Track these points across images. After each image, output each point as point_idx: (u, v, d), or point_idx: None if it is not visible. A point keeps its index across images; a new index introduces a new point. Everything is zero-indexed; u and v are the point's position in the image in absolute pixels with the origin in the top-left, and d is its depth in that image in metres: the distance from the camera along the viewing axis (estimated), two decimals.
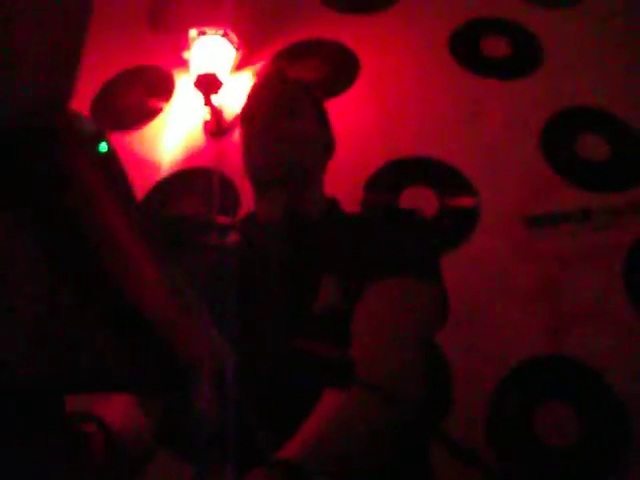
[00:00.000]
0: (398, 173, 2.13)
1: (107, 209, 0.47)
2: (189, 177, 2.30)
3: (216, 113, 2.35)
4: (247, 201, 1.84)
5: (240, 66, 2.50)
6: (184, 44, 2.39)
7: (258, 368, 0.62)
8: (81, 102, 2.47)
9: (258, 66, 2.48)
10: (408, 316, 1.00)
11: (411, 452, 1.01)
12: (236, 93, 2.43)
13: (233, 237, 0.94)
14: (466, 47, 2.38)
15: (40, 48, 0.43)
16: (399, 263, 1.07)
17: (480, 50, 2.37)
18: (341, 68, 2.41)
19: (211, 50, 2.34)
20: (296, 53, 2.48)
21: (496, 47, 2.37)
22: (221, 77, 2.31)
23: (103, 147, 0.44)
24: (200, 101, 2.32)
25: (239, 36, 2.41)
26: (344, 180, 1.46)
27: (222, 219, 1.05)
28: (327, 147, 1.34)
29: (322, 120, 1.35)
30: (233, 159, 2.24)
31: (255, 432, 0.61)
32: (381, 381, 0.86)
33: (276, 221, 1.23)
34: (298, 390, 0.70)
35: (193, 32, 2.36)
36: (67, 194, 0.44)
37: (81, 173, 0.44)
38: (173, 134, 2.42)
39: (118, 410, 0.97)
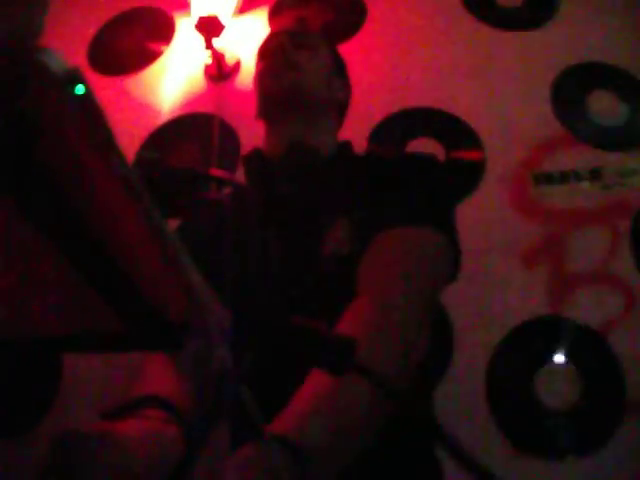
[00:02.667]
0: (404, 124, 2.08)
1: (84, 159, 0.43)
2: (189, 123, 2.25)
3: (217, 57, 2.28)
4: (248, 148, 1.80)
5: (243, 9, 2.42)
6: None
7: (254, 336, 0.58)
8: (77, 45, 2.40)
9: (261, 10, 2.40)
10: (418, 268, 0.97)
11: (418, 450, 1.00)
12: (239, 37, 2.36)
13: (229, 191, 0.91)
14: None
15: None
16: (414, 211, 1.05)
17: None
18: (347, 13, 2.34)
19: None
20: None
21: None
22: (223, 20, 2.24)
23: (79, 89, 0.39)
24: (201, 44, 2.25)
25: None
26: (347, 129, 1.42)
27: (218, 172, 1.02)
28: (342, 90, 1.36)
29: (337, 66, 1.37)
30: (234, 105, 2.22)
31: (246, 402, 0.58)
32: (378, 364, 0.82)
33: (280, 153, 1.21)
34: (293, 366, 0.67)
35: None
36: (36, 143, 0.39)
37: (51, 119, 0.39)
38: (173, 78, 2.36)
39: (169, 382, 0.93)
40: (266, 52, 1.32)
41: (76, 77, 0.39)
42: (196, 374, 0.95)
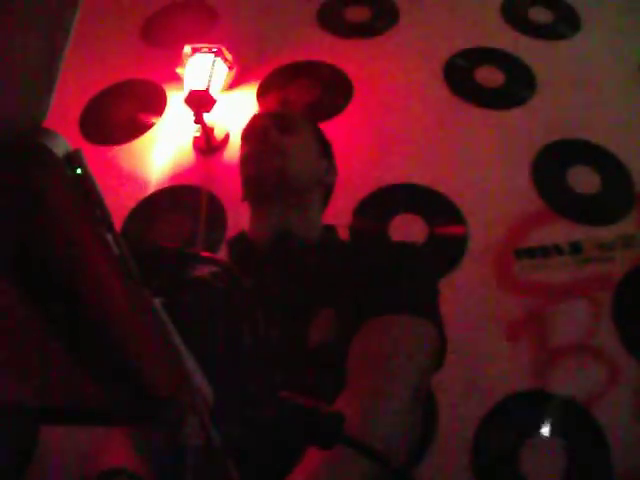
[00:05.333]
0: (388, 200, 2.12)
1: (79, 234, 0.44)
2: (177, 194, 2.27)
3: (207, 131, 2.32)
4: (235, 222, 1.82)
5: (233, 84, 2.48)
6: (178, 60, 2.37)
7: (241, 415, 0.58)
8: (69, 114, 2.44)
9: (251, 85, 2.46)
10: (405, 361, 0.96)
11: None
12: (228, 111, 2.41)
13: (215, 271, 0.91)
14: (461, 75, 2.38)
15: (14, 63, 0.40)
16: (399, 300, 1.04)
17: (474, 79, 2.37)
18: (334, 91, 2.40)
19: (204, 67, 2.33)
20: (290, 74, 2.47)
21: (490, 77, 2.37)
22: (213, 94, 2.29)
23: (78, 170, 0.41)
24: (191, 118, 2.29)
25: (233, 54, 2.40)
26: (332, 205, 1.44)
27: (205, 253, 1.02)
28: (327, 173, 1.34)
29: (322, 147, 1.36)
30: (222, 178, 2.26)
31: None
32: (372, 439, 0.82)
33: (266, 240, 1.21)
34: (282, 443, 0.66)
35: (187, 49, 2.35)
36: (37, 216, 0.41)
37: (52, 195, 0.41)
38: (163, 150, 2.40)
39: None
40: (250, 135, 1.30)
41: (76, 158, 0.41)
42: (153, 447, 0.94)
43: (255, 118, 1.34)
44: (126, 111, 2.52)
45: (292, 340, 1.03)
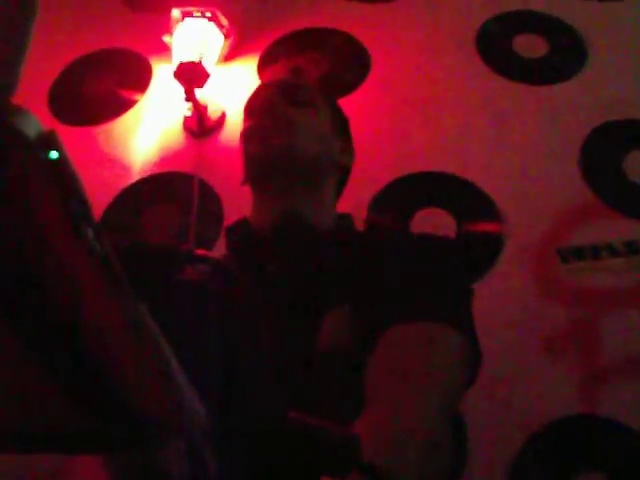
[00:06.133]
0: (409, 192, 2.12)
1: (54, 229, 0.44)
2: (165, 183, 2.27)
3: (199, 109, 2.32)
4: (233, 215, 1.81)
5: (230, 56, 2.48)
6: (165, 26, 2.37)
7: (243, 441, 0.58)
8: (36, 88, 2.44)
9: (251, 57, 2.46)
10: (435, 377, 0.96)
11: None
12: (224, 87, 2.41)
13: (212, 272, 0.91)
14: (496, 45, 2.37)
15: None
16: (428, 305, 1.04)
17: (512, 49, 2.35)
18: (348, 64, 2.40)
19: (196, 35, 2.32)
20: (296, 43, 2.47)
21: (531, 45, 2.35)
22: (207, 67, 2.29)
23: (53, 154, 0.41)
24: (181, 95, 2.29)
25: (230, 19, 2.40)
26: (344, 197, 1.44)
27: (199, 251, 1.02)
28: (343, 154, 1.35)
29: (339, 125, 1.37)
30: (218, 164, 2.25)
31: None
32: (398, 469, 0.81)
33: (270, 226, 1.21)
34: (290, 473, 0.66)
35: (176, 13, 2.34)
36: (3, 210, 0.41)
37: (22, 184, 0.41)
38: (148, 131, 2.40)
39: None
40: (253, 108, 1.32)
41: (51, 141, 0.41)
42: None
43: (260, 88, 1.35)
44: (104, 86, 2.53)
45: (299, 344, 1.03)
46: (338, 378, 1.00)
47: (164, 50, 2.43)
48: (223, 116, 2.36)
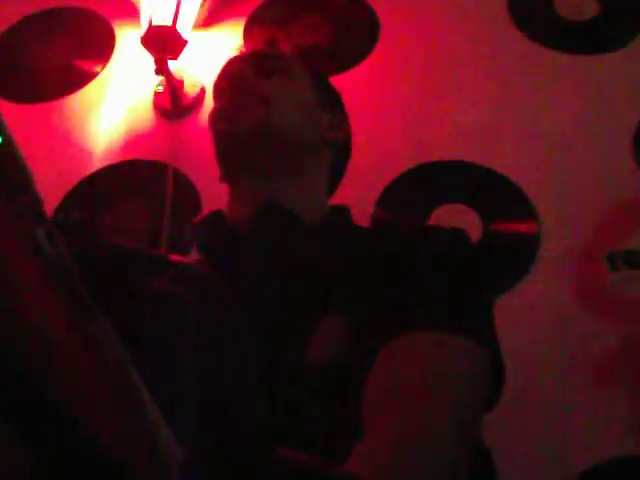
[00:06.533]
0: (427, 184, 2.12)
1: None
2: (132, 173, 2.28)
3: (173, 85, 2.33)
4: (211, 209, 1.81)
5: (210, 20, 2.49)
6: None
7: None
8: None
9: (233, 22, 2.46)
10: (447, 395, 0.96)
11: None
12: (203, 58, 2.42)
13: (189, 281, 0.91)
14: (533, 6, 2.37)
15: None
16: (438, 311, 1.04)
17: (553, 10, 2.35)
18: (353, 31, 2.41)
19: None
20: (291, 5, 2.47)
21: (577, 6, 2.34)
22: (182, 33, 2.29)
23: None
24: (151, 66, 2.29)
25: None
26: (348, 191, 1.43)
27: (173, 256, 1.02)
28: (334, 128, 1.36)
29: (326, 96, 1.38)
30: (196, 151, 2.25)
31: None
32: None
33: (248, 219, 1.22)
34: None
35: None
36: None
37: None
38: (110, 110, 2.41)
39: None
40: (221, 85, 1.35)
41: None
42: None
43: (227, 63, 1.37)
44: (56, 54, 2.53)
45: (287, 358, 1.04)
46: (331, 395, 1.00)
47: (130, 13, 2.44)
48: (202, 93, 2.37)
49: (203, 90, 2.36)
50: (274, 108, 1.26)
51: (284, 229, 1.21)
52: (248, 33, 2.43)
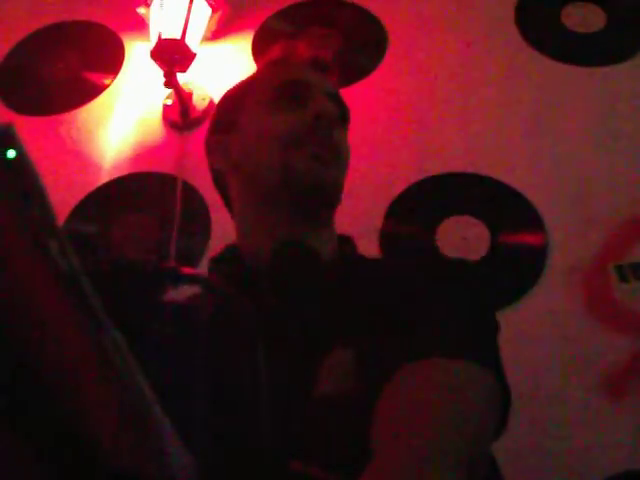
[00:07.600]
0: (435, 196, 2.12)
1: (11, 243, 0.44)
2: (141, 185, 2.28)
3: (182, 97, 2.33)
4: (222, 224, 1.81)
5: (219, 33, 2.49)
6: None
7: None
8: None
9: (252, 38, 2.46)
10: (456, 423, 0.96)
11: None
12: (212, 70, 2.42)
13: (201, 294, 0.91)
14: (541, 18, 2.38)
15: None
16: (445, 339, 1.04)
17: (560, 22, 2.35)
18: (360, 43, 2.42)
19: (178, 7, 2.32)
20: (298, 18, 2.48)
21: (584, 18, 2.35)
22: (191, 46, 2.29)
23: (10, 152, 0.41)
24: (160, 79, 2.30)
25: None
26: (357, 204, 1.43)
27: (185, 269, 1.02)
28: None
29: None
30: (204, 164, 2.23)
31: None
32: None
33: (268, 254, 1.21)
34: None
35: None
36: None
37: None
38: (120, 123, 2.41)
39: None
40: (298, 92, 1.28)
41: (7, 137, 0.41)
42: None
43: (311, 78, 1.31)
44: (67, 67, 2.54)
45: (295, 388, 1.04)
46: (339, 426, 1.00)
47: (140, 25, 2.44)
48: (211, 105, 2.36)
49: (212, 103, 2.36)
50: (344, 165, 1.27)
51: (306, 266, 1.21)
52: (256, 46, 2.44)
